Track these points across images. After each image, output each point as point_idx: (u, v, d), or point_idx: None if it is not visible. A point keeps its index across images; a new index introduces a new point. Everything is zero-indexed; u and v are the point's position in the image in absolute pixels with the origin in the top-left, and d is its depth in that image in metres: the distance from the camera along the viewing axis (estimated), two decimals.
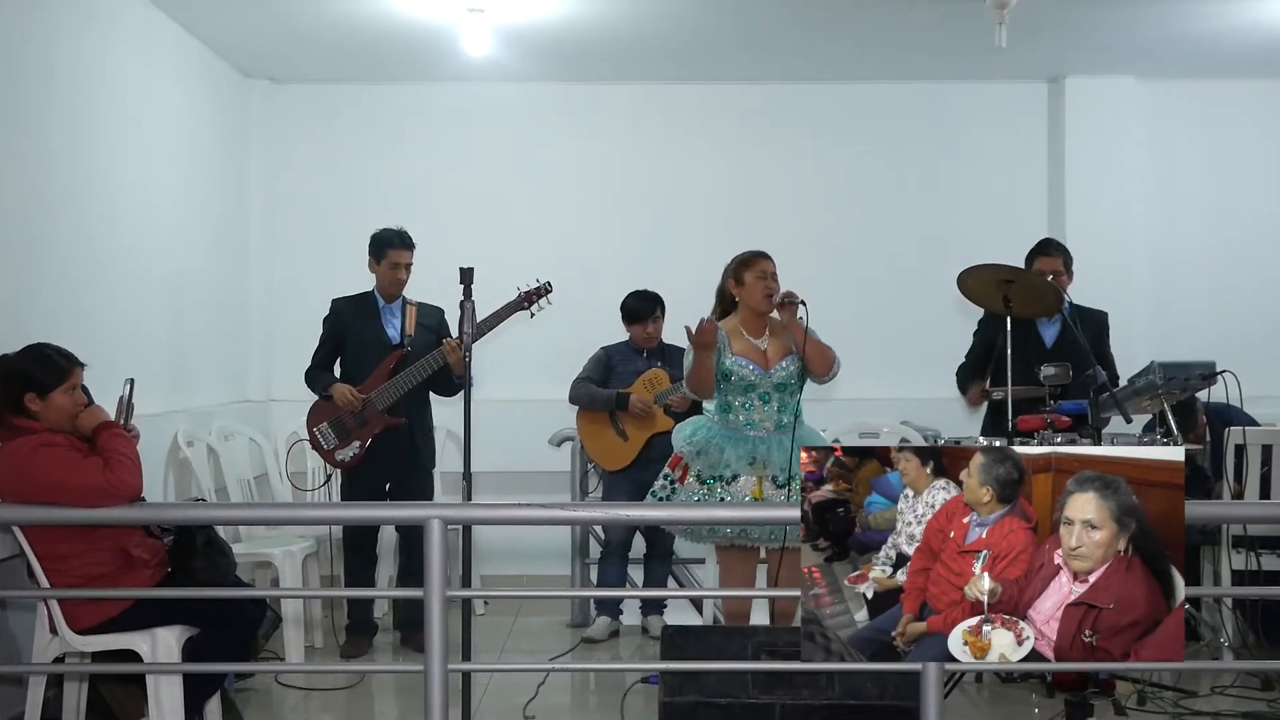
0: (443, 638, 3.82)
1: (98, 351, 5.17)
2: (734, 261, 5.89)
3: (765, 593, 5.91)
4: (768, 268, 5.77)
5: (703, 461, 5.69)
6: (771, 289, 5.72)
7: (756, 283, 5.75)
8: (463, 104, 9.01)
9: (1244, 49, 8.18)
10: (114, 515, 4.39)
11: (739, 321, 5.81)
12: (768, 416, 5.72)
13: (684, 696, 4.59)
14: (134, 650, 4.83)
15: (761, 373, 5.69)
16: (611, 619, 7.43)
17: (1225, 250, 9.00)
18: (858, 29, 7.84)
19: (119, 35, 6.80)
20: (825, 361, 5.73)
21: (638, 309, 7.40)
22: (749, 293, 5.76)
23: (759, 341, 5.77)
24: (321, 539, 7.24)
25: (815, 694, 4.55)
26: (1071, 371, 5.78)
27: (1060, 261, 6.55)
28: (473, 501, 5.34)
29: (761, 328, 5.80)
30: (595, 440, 7.39)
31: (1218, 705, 5.70)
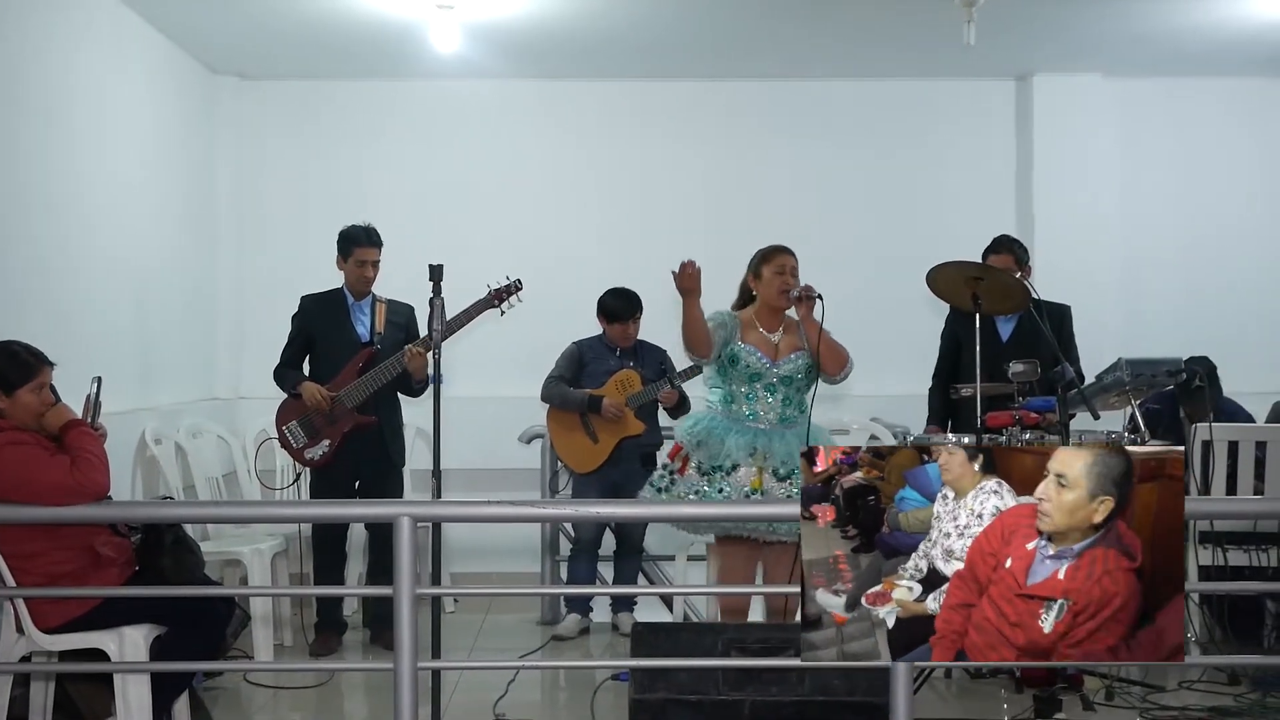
0: (412, 635, 3.82)
1: (65, 349, 5.14)
2: (756, 255, 5.87)
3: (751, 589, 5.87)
4: (787, 263, 5.76)
5: (703, 452, 5.63)
6: (788, 284, 5.68)
7: (774, 278, 5.73)
8: (432, 101, 8.99)
9: (1211, 46, 8.23)
10: (81, 514, 4.38)
11: (754, 314, 5.80)
12: (771, 409, 5.69)
13: (654, 693, 4.59)
14: (101, 649, 4.81)
15: (769, 362, 5.68)
16: (581, 616, 7.42)
17: (1194, 247, 9.06)
18: (827, 26, 7.85)
19: (87, 32, 6.76)
20: (838, 360, 5.73)
21: (617, 310, 7.37)
22: (765, 287, 5.76)
23: (772, 335, 5.76)
24: (290, 537, 7.21)
25: (785, 690, 4.55)
26: (1039, 368, 5.80)
27: (1013, 259, 6.54)
28: (442, 499, 5.33)
29: (777, 323, 5.79)
30: (565, 442, 7.37)
31: (1185, 700, 5.74)
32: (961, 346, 6.51)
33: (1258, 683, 5.88)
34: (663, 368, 7.34)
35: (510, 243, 8.60)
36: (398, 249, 7.20)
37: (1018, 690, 5.76)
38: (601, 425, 7.25)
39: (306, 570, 7.13)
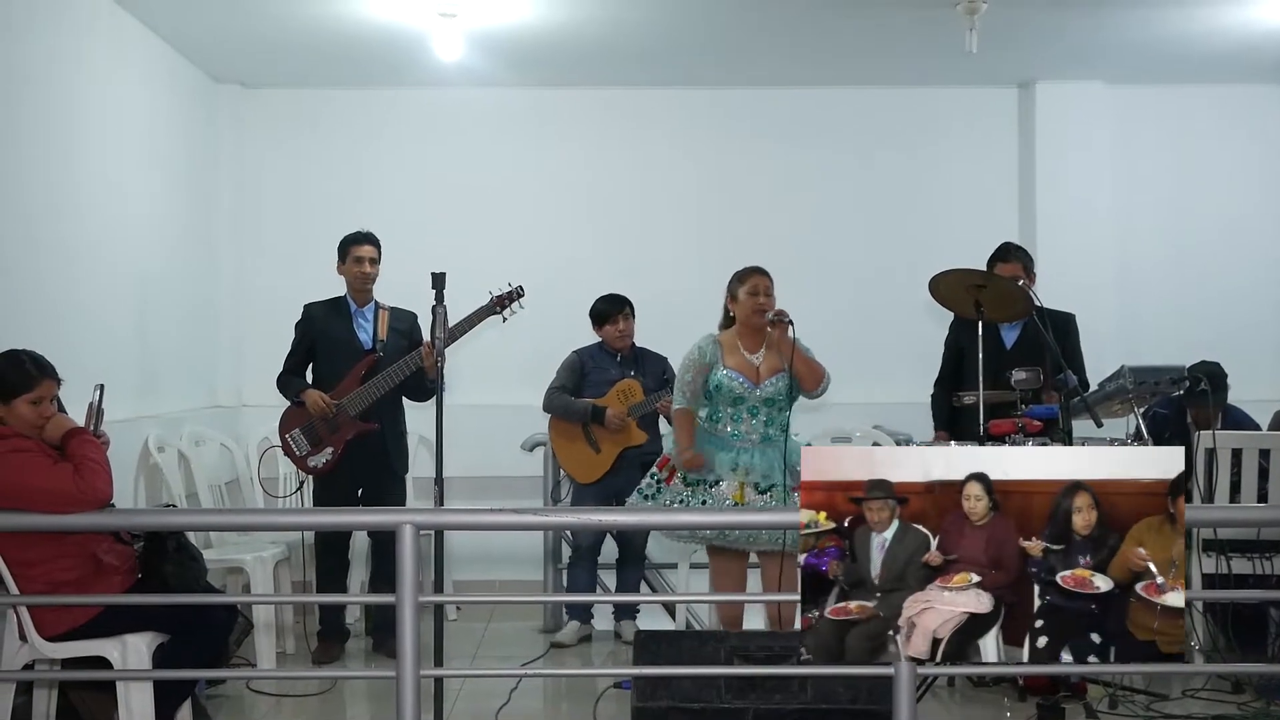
0: (415, 643, 3.82)
1: (67, 357, 5.13)
2: (733, 277, 6.11)
3: (745, 597, 5.95)
4: (760, 284, 6.00)
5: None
6: (762, 305, 5.97)
7: (748, 299, 5.98)
8: (434, 109, 8.99)
9: (1211, 54, 8.23)
10: (84, 521, 4.36)
11: (736, 335, 6.04)
12: (754, 429, 5.96)
13: (656, 702, 4.59)
14: (104, 657, 4.81)
15: (751, 386, 5.93)
16: (582, 623, 7.42)
17: (1193, 254, 9.05)
18: (828, 34, 7.85)
19: (89, 39, 6.76)
20: (815, 377, 5.99)
21: (605, 310, 7.38)
22: (741, 308, 6.01)
23: (753, 357, 6.00)
24: (293, 545, 7.21)
25: (787, 698, 4.55)
26: (1041, 375, 5.81)
27: (1020, 266, 6.54)
28: (445, 507, 5.33)
29: (758, 343, 6.02)
30: (568, 452, 7.37)
31: (1189, 708, 5.73)
32: (963, 353, 6.51)
33: (1261, 691, 5.88)
34: (665, 377, 7.33)
35: (512, 250, 8.61)
36: (400, 256, 7.21)
37: (1021, 698, 5.75)
38: (604, 435, 7.24)
39: (309, 578, 7.12)
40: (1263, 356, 8.74)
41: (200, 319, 8.43)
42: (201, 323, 8.45)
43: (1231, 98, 9.05)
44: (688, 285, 8.17)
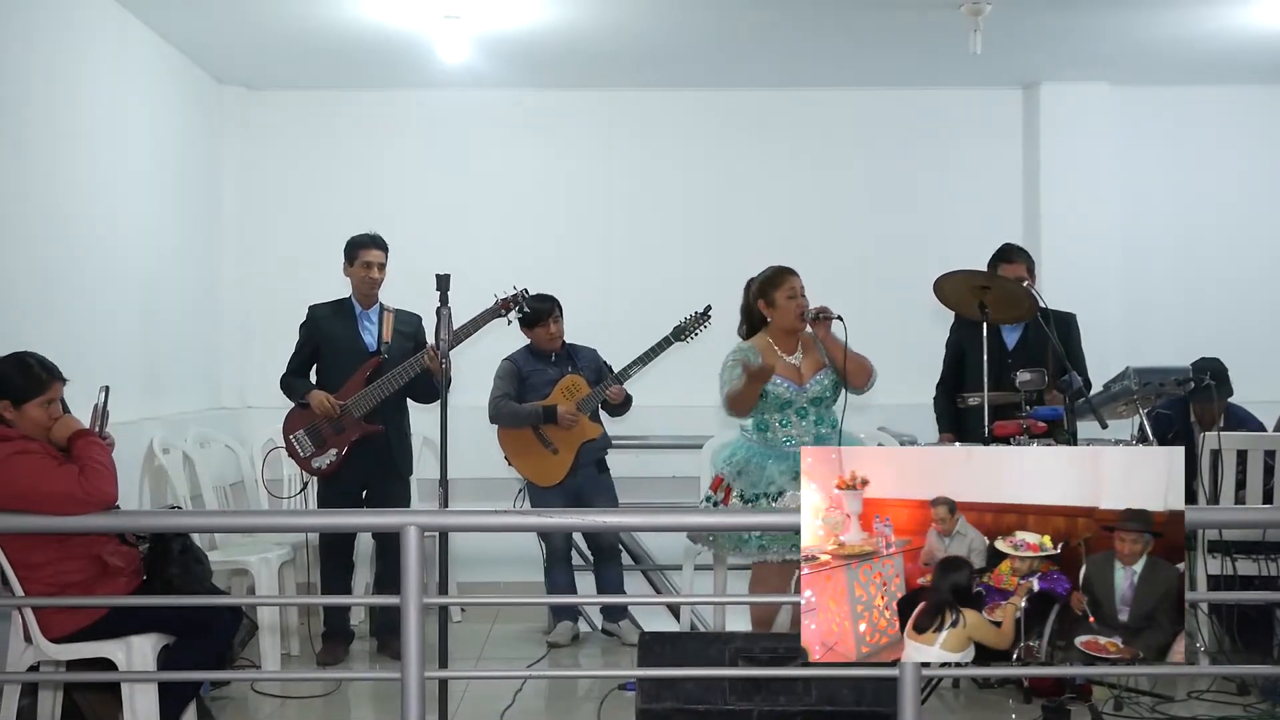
0: (419, 645, 3.82)
1: (72, 359, 5.14)
2: (759, 280, 5.95)
3: (743, 599, 5.92)
4: (797, 285, 5.86)
5: (744, 481, 5.75)
6: (803, 306, 5.79)
7: (788, 302, 5.83)
8: (439, 111, 8.99)
9: (1214, 55, 8.24)
10: (89, 523, 4.36)
11: (770, 339, 5.88)
12: (806, 430, 5.82)
13: (661, 703, 4.58)
14: (109, 658, 4.81)
15: (797, 389, 5.80)
16: (572, 623, 7.42)
17: (1197, 254, 9.06)
18: (833, 35, 7.86)
19: (94, 41, 6.77)
20: (864, 373, 5.84)
21: (537, 311, 7.23)
22: (782, 314, 5.84)
23: (792, 358, 5.87)
24: (298, 546, 7.21)
25: (792, 700, 4.54)
26: (1045, 376, 5.80)
27: (1024, 267, 6.55)
28: (449, 508, 5.33)
29: (794, 344, 5.89)
30: (524, 459, 7.30)
31: (1194, 710, 5.72)
32: (966, 354, 6.51)
33: (1267, 693, 5.86)
34: (601, 367, 7.32)
35: (516, 252, 8.60)
36: (405, 259, 7.20)
37: (1026, 700, 5.74)
38: (558, 435, 7.20)
39: (314, 579, 7.13)
40: (1267, 356, 8.71)
41: (205, 320, 8.44)
42: (206, 324, 8.46)
43: (1236, 99, 9.05)
44: (692, 286, 8.16)
